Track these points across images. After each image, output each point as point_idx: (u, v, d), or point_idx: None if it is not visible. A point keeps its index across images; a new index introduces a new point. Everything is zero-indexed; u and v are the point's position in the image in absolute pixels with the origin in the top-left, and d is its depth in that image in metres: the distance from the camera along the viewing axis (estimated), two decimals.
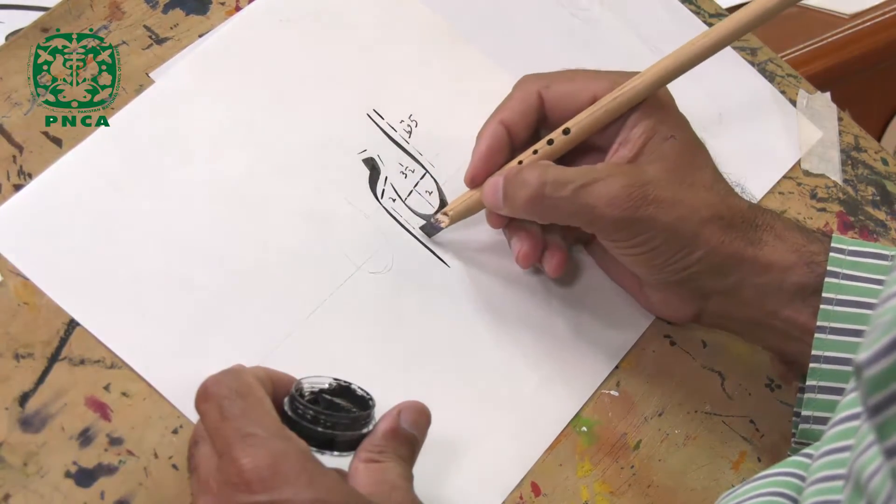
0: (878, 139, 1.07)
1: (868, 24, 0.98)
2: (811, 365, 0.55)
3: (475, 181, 0.60)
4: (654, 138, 0.58)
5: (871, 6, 0.99)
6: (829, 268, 0.56)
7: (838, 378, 0.54)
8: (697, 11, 0.77)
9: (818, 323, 0.55)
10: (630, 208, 0.55)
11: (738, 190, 0.62)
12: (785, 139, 0.74)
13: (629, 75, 0.59)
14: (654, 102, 0.59)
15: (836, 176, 0.74)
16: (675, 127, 0.58)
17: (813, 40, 0.97)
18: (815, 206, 0.72)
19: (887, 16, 0.99)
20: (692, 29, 0.76)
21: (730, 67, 0.75)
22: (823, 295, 0.55)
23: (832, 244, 0.57)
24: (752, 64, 0.76)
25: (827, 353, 0.55)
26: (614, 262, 0.61)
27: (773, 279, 0.57)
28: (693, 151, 0.59)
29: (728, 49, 0.76)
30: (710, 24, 0.77)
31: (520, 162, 0.59)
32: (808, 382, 0.56)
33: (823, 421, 0.53)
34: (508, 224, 0.60)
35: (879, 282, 0.55)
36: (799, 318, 0.57)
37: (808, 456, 0.47)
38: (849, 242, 0.57)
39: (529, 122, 0.59)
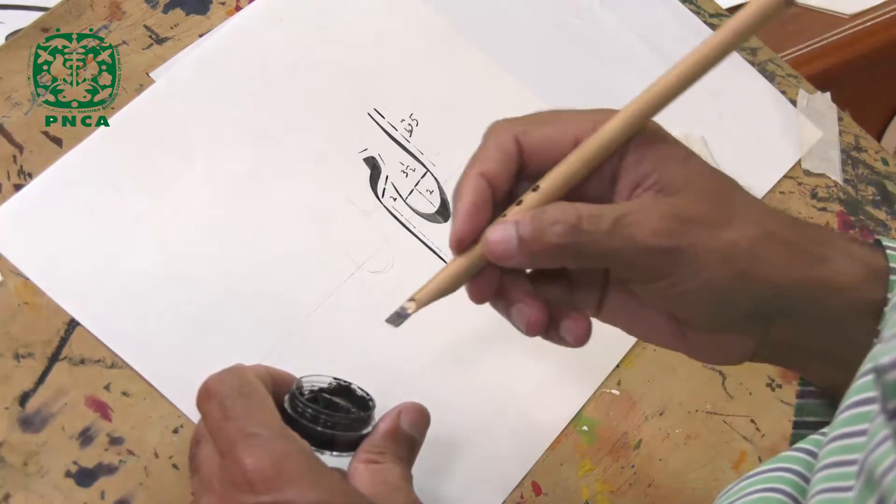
0: (878, 139, 1.07)
1: (868, 24, 0.98)
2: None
3: (463, 243, 0.49)
4: (670, 165, 0.49)
5: (871, 6, 0.99)
6: (891, 264, 0.49)
7: None
8: (697, 11, 0.77)
9: (880, 328, 0.48)
10: (674, 236, 0.47)
11: None
12: (785, 139, 0.74)
13: (612, 113, 0.51)
14: (648, 135, 0.50)
15: (836, 176, 0.74)
16: (684, 148, 0.51)
17: (813, 40, 0.97)
18: (816, 205, 0.72)
19: (887, 16, 0.99)
20: (692, 29, 0.76)
21: (730, 67, 0.75)
22: (889, 295, 0.49)
23: (884, 244, 0.51)
24: (752, 64, 0.76)
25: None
26: (640, 317, 0.52)
27: (847, 300, 0.49)
28: (713, 170, 0.51)
29: None
30: (710, 24, 0.77)
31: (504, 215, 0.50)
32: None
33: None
34: (498, 294, 0.51)
35: None
36: (870, 341, 0.48)
37: (805, 451, 0.47)
38: None
39: (511, 171, 0.50)
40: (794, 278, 0.49)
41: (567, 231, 0.47)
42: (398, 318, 0.50)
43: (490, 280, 0.50)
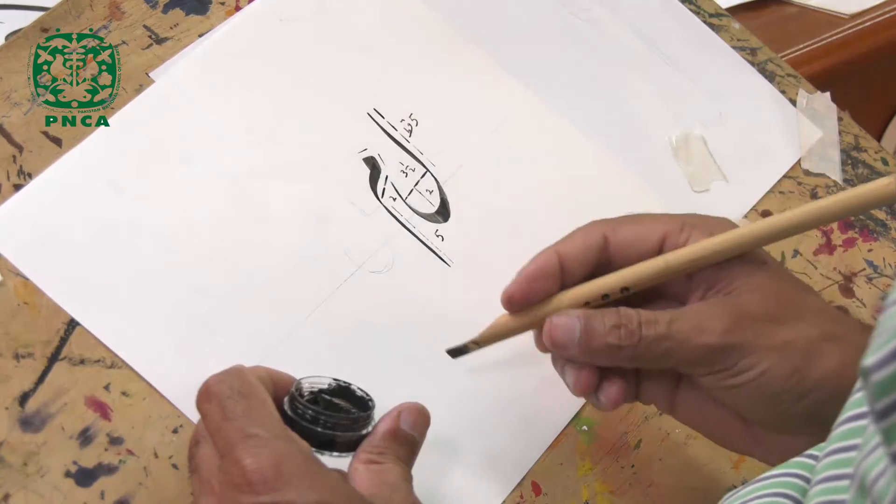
0: (878, 139, 1.07)
1: (868, 24, 0.98)
2: None
3: (512, 301, 0.54)
4: (745, 273, 0.52)
5: (871, 6, 0.99)
6: None
7: None
8: (697, 11, 0.77)
9: None
10: (726, 333, 0.50)
11: None
12: (785, 139, 0.74)
13: (699, 219, 0.54)
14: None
15: (836, 175, 0.74)
16: (764, 254, 0.53)
17: (813, 40, 0.97)
18: None
19: (887, 16, 0.99)
20: (692, 29, 0.76)
21: (730, 67, 0.75)
22: None
23: None
24: (752, 64, 0.76)
25: None
26: (712, 416, 0.54)
27: None
28: (787, 277, 0.53)
29: (728, 49, 0.76)
30: (709, 24, 0.77)
31: (587, 304, 0.54)
32: None
33: None
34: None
35: None
36: None
37: (811, 457, 0.47)
38: None
39: (588, 260, 0.54)
40: (850, 380, 0.48)
41: (627, 334, 0.51)
42: (459, 353, 0.56)
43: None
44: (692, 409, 0.55)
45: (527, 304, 0.54)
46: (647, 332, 0.51)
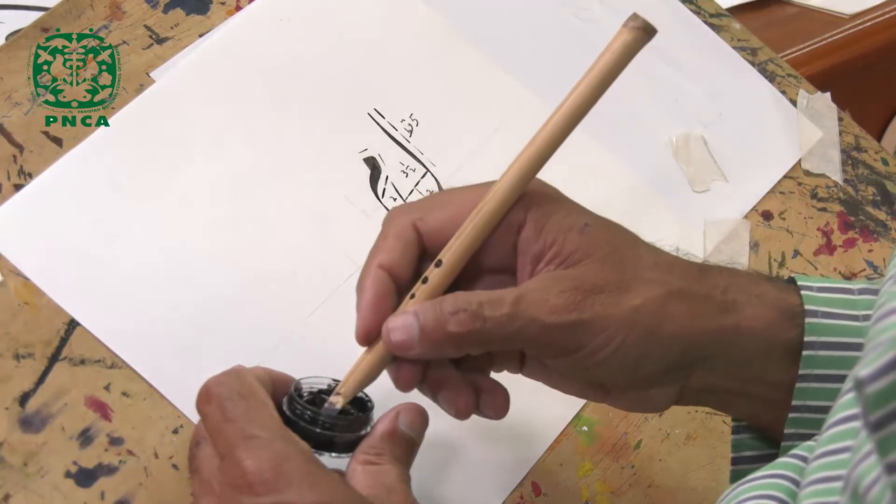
0: (878, 139, 1.07)
1: (868, 24, 0.99)
2: (791, 415, 0.51)
3: (370, 336, 0.49)
4: (569, 236, 0.49)
5: (871, 6, 1.00)
6: (806, 306, 0.50)
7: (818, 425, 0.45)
8: (698, 11, 0.77)
9: (801, 371, 0.50)
10: (576, 310, 0.47)
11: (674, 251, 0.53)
12: (785, 139, 0.74)
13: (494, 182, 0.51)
14: (543, 202, 0.50)
15: (836, 176, 0.74)
16: (582, 214, 0.50)
17: (813, 40, 0.97)
18: (816, 205, 0.72)
19: (887, 16, 0.99)
20: (692, 29, 0.76)
21: (730, 67, 0.75)
22: (806, 339, 0.50)
23: (799, 283, 0.52)
24: (753, 64, 0.76)
25: (809, 403, 0.50)
26: (561, 378, 0.53)
27: (760, 343, 0.50)
28: (615, 232, 0.51)
29: (728, 49, 0.76)
30: (710, 25, 0.77)
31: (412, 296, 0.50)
32: (786, 430, 0.51)
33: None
34: (426, 380, 0.51)
35: (854, 317, 0.51)
36: (785, 378, 0.51)
37: (798, 457, 0.47)
38: (814, 280, 0.52)
39: (411, 258, 0.50)
40: (702, 330, 0.49)
41: (469, 318, 0.47)
42: (329, 414, 0.50)
43: (412, 368, 0.50)
44: (540, 374, 0.53)
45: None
46: (492, 312, 0.47)
